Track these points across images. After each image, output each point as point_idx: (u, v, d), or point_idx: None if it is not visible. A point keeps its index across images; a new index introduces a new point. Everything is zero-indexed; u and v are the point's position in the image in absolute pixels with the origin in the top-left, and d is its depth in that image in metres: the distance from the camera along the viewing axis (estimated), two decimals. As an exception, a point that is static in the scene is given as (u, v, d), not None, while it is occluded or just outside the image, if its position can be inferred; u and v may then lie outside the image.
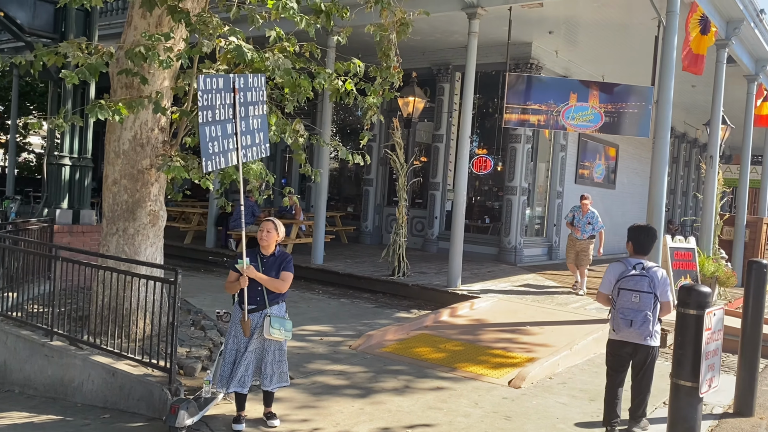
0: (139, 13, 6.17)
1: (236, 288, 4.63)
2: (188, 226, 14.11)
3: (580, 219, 10.35)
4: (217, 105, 4.47)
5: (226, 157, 4.58)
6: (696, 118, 20.03)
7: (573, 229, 10.41)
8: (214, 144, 4.48)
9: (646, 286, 4.57)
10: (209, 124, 4.42)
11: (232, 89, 4.53)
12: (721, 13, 10.37)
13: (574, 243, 10.43)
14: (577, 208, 10.49)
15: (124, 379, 5.12)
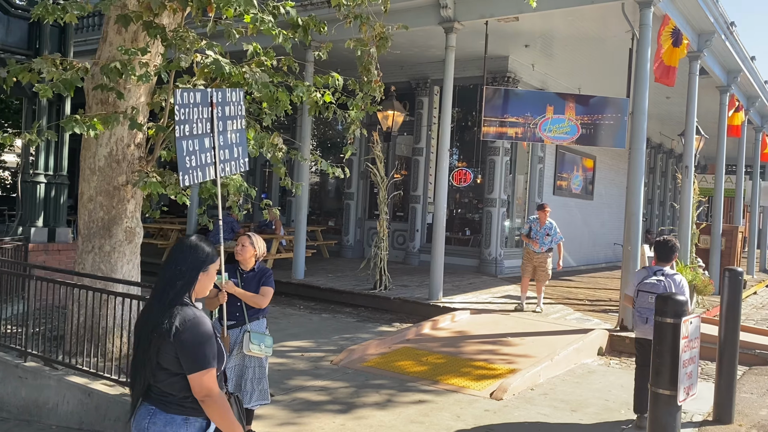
0: (114, 29, 6.13)
1: (216, 304, 4.57)
2: (166, 243, 13.97)
3: (537, 231, 9.78)
4: (194, 119, 4.44)
5: (204, 172, 4.54)
6: (671, 129, 20.34)
7: (530, 242, 9.81)
8: (192, 158, 4.44)
9: (661, 288, 5.09)
10: (186, 138, 4.39)
11: (209, 103, 4.50)
12: (692, 25, 10.57)
13: (532, 257, 9.82)
14: (534, 219, 9.96)
15: (101, 400, 5.02)
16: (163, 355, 2.46)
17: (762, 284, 17.53)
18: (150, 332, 2.48)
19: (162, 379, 2.49)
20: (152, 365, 2.47)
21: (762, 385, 6.90)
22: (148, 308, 2.59)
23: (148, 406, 2.53)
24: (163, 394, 2.51)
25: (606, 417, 5.64)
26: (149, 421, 2.51)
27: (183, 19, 6.13)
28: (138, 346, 2.55)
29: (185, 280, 2.56)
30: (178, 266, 2.57)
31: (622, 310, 8.60)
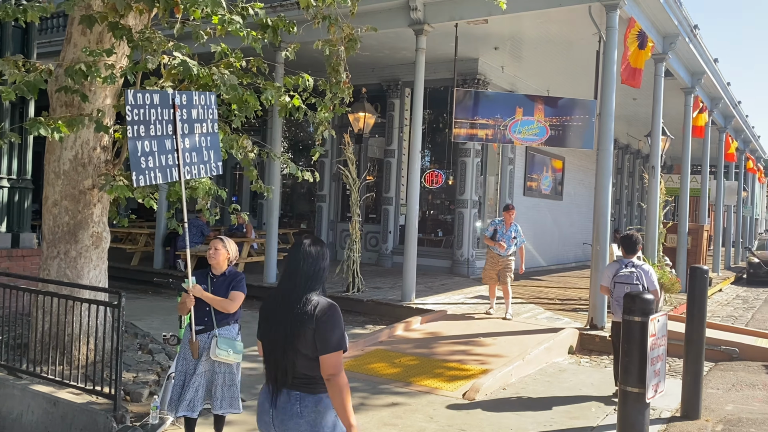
0: (78, 30, 6.01)
1: (186, 309, 4.51)
2: (135, 247, 13.75)
3: (503, 233, 9.38)
4: (151, 120, 4.39)
5: (164, 173, 4.49)
6: (638, 130, 20.70)
7: (495, 245, 9.36)
8: (148, 159, 4.40)
9: (635, 279, 5.95)
10: (141, 138, 4.35)
11: (171, 105, 4.44)
12: (657, 28, 10.77)
13: (497, 260, 9.35)
14: (499, 221, 9.57)
15: (67, 408, 4.90)
16: (304, 342, 2.67)
17: (727, 281, 17.94)
18: (293, 322, 2.70)
19: (303, 365, 2.69)
20: (294, 353, 2.69)
21: (728, 380, 7.05)
22: (288, 301, 2.77)
23: (292, 392, 2.73)
24: (306, 378, 2.71)
25: (577, 415, 5.70)
26: (300, 405, 2.71)
27: (149, 20, 6.03)
28: (277, 339, 2.74)
29: (322, 275, 2.85)
30: (317, 264, 2.83)
31: (592, 308, 8.71)
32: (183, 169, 4.53)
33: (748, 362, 7.85)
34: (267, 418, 2.79)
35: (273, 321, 2.78)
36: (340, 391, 2.64)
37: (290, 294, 2.78)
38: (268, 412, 2.78)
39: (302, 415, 2.70)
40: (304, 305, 2.72)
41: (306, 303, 2.73)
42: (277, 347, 2.73)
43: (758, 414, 5.80)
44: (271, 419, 2.77)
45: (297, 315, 2.70)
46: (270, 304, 2.86)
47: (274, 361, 2.75)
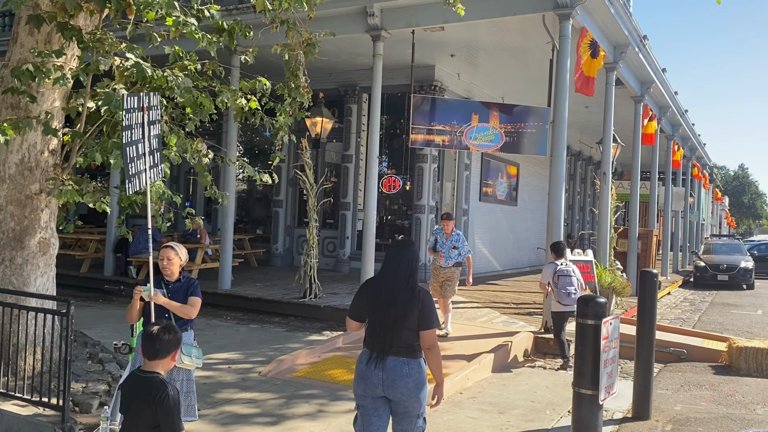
0: (25, 30, 5.82)
1: (137, 316, 4.41)
2: (85, 254, 13.37)
3: (443, 243, 8.66)
4: (134, 124, 4.34)
5: (140, 179, 4.43)
6: (590, 137, 21.19)
7: (436, 256, 8.73)
8: (133, 165, 4.35)
9: (571, 272, 7.66)
10: (130, 144, 4.33)
11: (141, 108, 4.38)
12: (608, 38, 11.05)
13: (438, 272, 8.68)
14: (439, 230, 8.87)
15: (12, 421, 4.72)
16: (412, 319, 3.51)
17: (675, 285, 18.49)
18: (405, 305, 3.51)
19: (406, 336, 3.51)
20: (402, 328, 3.50)
21: (676, 381, 7.25)
22: (395, 290, 3.57)
23: (398, 358, 3.52)
24: (409, 346, 3.53)
25: (532, 417, 5.77)
26: (408, 367, 3.52)
27: (101, 21, 5.89)
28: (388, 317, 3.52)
29: (418, 268, 3.68)
30: (415, 259, 3.67)
31: (546, 312, 8.85)
32: (148, 173, 4.47)
33: (696, 363, 8.10)
34: (375, 380, 3.52)
35: (384, 303, 3.55)
36: (437, 356, 3.57)
37: (401, 284, 3.57)
38: (377, 375, 3.51)
39: (410, 374, 3.50)
40: (412, 292, 3.55)
41: (414, 290, 3.56)
42: (388, 323, 3.51)
43: (705, 413, 5.98)
44: (381, 381, 3.50)
45: (408, 300, 3.51)
46: (378, 291, 3.63)
47: (383, 335, 3.52)
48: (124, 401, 2.97)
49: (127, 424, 2.92)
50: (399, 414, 3.60)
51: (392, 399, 3.55)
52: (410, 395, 3.51)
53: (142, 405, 2.85)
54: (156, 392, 2.84)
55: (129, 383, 3.01)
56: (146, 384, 2.87)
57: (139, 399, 2.86)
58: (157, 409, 2.81)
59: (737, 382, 7.24)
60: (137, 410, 2.87)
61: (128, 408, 2.92)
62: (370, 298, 3.64)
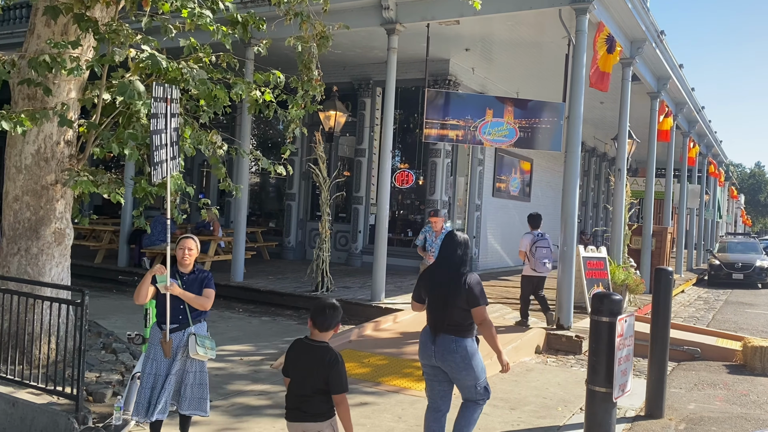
0: (42, 21, 5.85)
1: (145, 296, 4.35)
2: (99, 245, 13.47)
3: (433, 242, 8.18)
4: (159, 113, 4.37)
5: (162, 168, 4.46)
6: (604, 133, 21.03)
7: (425, 256, 8.21)
8: (158, 154, 4.39)
9: (548, 243, 8.59)
10: (156, 132, 4.36)
11: (166, 99, 4.41)
12: (625, 33, 10.94)
13: None
14: (428, 228, 8.40)
15: (26, 409, 4.77)
16: (460, 299, 4.04)
17: (689, 283, 18.34)
18: (452, 288, 4.04)
19: (456, 315, 4.03)
20: (453, 308, 4.02)
21: (690, 380, 7.19)
22: (447, 275, 4.13)
23: (448, 336, 4.04)
24: (458, 325, 4.05)
25: (544, 414, 5.75)
26: (455, 344, 4.03)
27: (117, 12, 5.90)
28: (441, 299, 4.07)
29: (470, 257, 4.28)
30: (467, 249, 4.25)
31: (558, 309, 8.81)
32: (169, 164, 4.50)
33: (710, 362, 8.03)
34: (429, 353, 4.10)
35: (437, 287, 4.11)
36: (489, 328, 4.06)
37: (452, 269, 4.12)
38: (431, 348, 4.08)
39: (457, 351, 4.01)
40: (460, 276, 4.08)
41: (461, 275, 4.10)
42: (439, 304, 4.06)
43: (719, 413, 5.93)
44: (433, 353, 4.07)
45: (456, 283, 4.05)
46: (433, 276, 4.21)
47: (436, 315, 4.07)
48: (292, 366, 3.45)
49: (300, 385, 3.38)
50: (458, 382, 4.17)
51: (444, 370, 4.12)
52: (458, 368, 4.04)
53: (316, 368, 3.33)
54: (329, 357, 3.35)
55: (298, 351, 3.46)
56: (319, 351, 3.38)
57: (313, 364, 3.35)
58: (330, 372, 3.31)
59: (752, 381, 7.17)
60: (310, 373, 3.34)
61: (300, 373, 3.39)
62: (427, 283, 4.23)
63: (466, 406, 4.22)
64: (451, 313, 4.01)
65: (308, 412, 3.34)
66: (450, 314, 4.01)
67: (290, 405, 3.42)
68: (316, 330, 3.44)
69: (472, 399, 4.17)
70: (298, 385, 3.39)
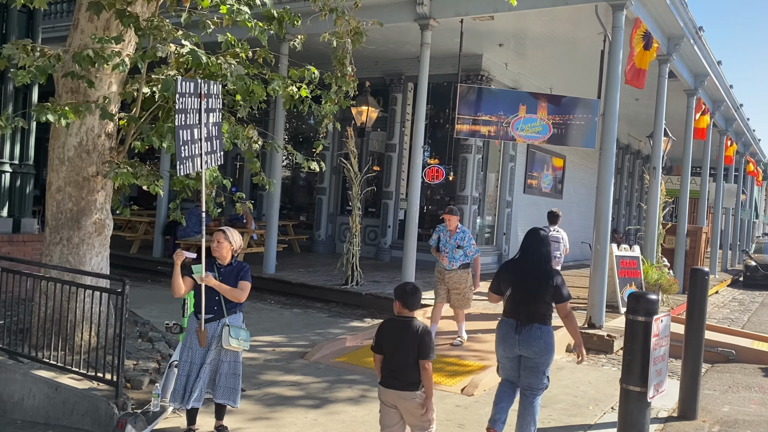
0: (85, 17, 5.99)
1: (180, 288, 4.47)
2: (134, 235, 13.74)
3: (447, 241, 7.54)
4: (189, 109, 4.45)
5: (193, 163, 4.54)
6: (638, 130, 20.72)
7: (438, 256, 7.64)
8: (186, 148, 4.46)
9: (560, 239, 9.26)
10: (183, 128, 4.42)
11: (199, 94, 4.49)
12: (662, 29, 10.77)
13: (443, 275, 7.61)
14: (442, 228, 7.70)
15: (68, 394, 4.92)
16: (547, 295, 4.46)
17: (724, 284, 18.02)
18: (542, 283, 4.45)
19: (542, 308, 4.46)
20: (540, 301, 4.44)
21: (724, 381, 7.09)
22: (535, 271, 4.50)
23: (533, 324, 4.43)
24: (543, 315, 4.47)
25: (575, 412, 5.73)
26: (539, 331, 4.42)
27: (157, 8, 6.02)
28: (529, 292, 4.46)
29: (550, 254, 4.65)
30: (549, 245, 4.64)
31: (590, 308, 8.74)
32: (204, 158, 4.58)
33: (745, 364, 7.90)
34: (513, 342, 4.47)
35: (525, 281, 4.48)
36: (572, 320, 4.56)
37: (539, 266, 4.50)
38: (514, 337, 4.45)
39: (541, 336, 4.41)
40: (548, 273, 4.47)
41: (549, 271, 4.49)
42: (529, 297, 4.44)
43: (754, 416, 5.84)
44: (517, 342, 4.44)
45: (545, 279, 4.45)
46: (519, 271, 4.57)
47: (525, 306, 4.44)
48: (386, 342, 3.88)
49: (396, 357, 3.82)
50: (529, 369, 4.47)
51: (525, 356, 4.44)
52: (540, 353, 4.41)
53: (410, 340, 3.80)
54: (420, 328, 3.84)
55: (391, 328, 3.92)
56: (410, 325, 3.85)
57: (407, 336, 3.82)
58: (422, 340, 3.78)
59: (788, 385, 7.04)
60: (405, 345, 3.80)
61: (395, 346, 3.82)
62: (511, 277, 4.59)
63: (526, 396, 4.52)
64: (539, 306, 4.42)
65: (404, 381, 3.80)
66: (538, 307, 4.42)
67: (386, 375, 3.88)
68: (405, 309, 3.91)
69: (536, 387, 4.50)
70: (394, 357, 3.83)
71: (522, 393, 4.57)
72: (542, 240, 4.59)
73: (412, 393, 3.80)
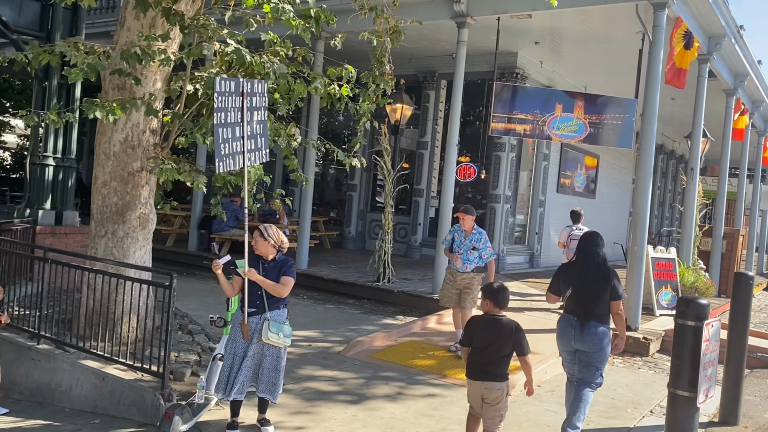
0: (132, 14, 6.10)
1: (230, 289, 4.61)
2: (170, 229, 13.96)
3: (461, 242, 7.22)
4: (229, 107, 4.51)
5: (234, 160, 4.61)
6: (673, 130, 20.38)
7: (452, 258, 7.29)
8: (225, 146, 4.54)
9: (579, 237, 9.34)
10: (222, 126, 4.48)
11: (241, 93, 4.56)
12: (704, 28, 10.59)
13: (455, 277, 7.25)
14: (457, 228, 7.37)
15: (115, 384, 5.04)
16: (606, 294, 4.73)
17: (760, 288, 17.64)
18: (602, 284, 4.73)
19: (601, 307, 4.73)
20: (599, 300, 4.70)
21: (765, 387, 6.98)
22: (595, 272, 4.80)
23: (592, 322, 4.70)
24: (601, 314, 4.73)
25: (613, 415, 5.70)
26: (596, 329, 4.70)
27: (202, 6, 6.11)
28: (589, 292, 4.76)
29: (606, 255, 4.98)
30: (604, 248, 4.95)
31: (626, 309, 8.64)
32: (246, 155, 4.64)
33: (785, 370, 7.76)
34: (570, 337, 4.77)
35: (586, 282, 4.78)
36: (622, 318, 4.84)
37: (598, 267, 4.80)
38: (571, 333, 4.75)
39: (597, 333, 4.67)
40: (608, 273, 4.77)
41: (609, 272, 4.78)
42: (589, 297, 4.73)
43: (797, 423, 5.74)
44: (573, 337, 4.74)
45: (604, 280, 4.73)
46: (579, 272, 4.86)
47: (585, 305, 4.73)
48: (476, 337, 4.25)
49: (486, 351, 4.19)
50: (583, 363, 4.76)
51: (582, 350, 4.74)
52: (597, 349, 4.69)
53: (503, 336, 4.17)
54: (514, 326, 4.20)
55: (482, 324, 4.28)
56: (501, 323, 4.22)
57: (499, 333, 4.19)
58: (517, 337, 4.17)
59: (831, 393, 6.91)
60: (497, 341, 4.17)
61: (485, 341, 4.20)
62: (572, 278, 4.93)
63: (581, 389, 4.78)
64: (600, 305, 4.74)
65: (492, 373, 4.17)
66: (597, 306, 4.72)
67: (474, 368, 4.25)
68: (496, 308, 4.26)
69: (589, 381, 4.76)
70: (484, 351, 4.20)
71: (576, 386, 4.81)
72: (599, 243, 4.91)
73: (498, 384, 4.16)
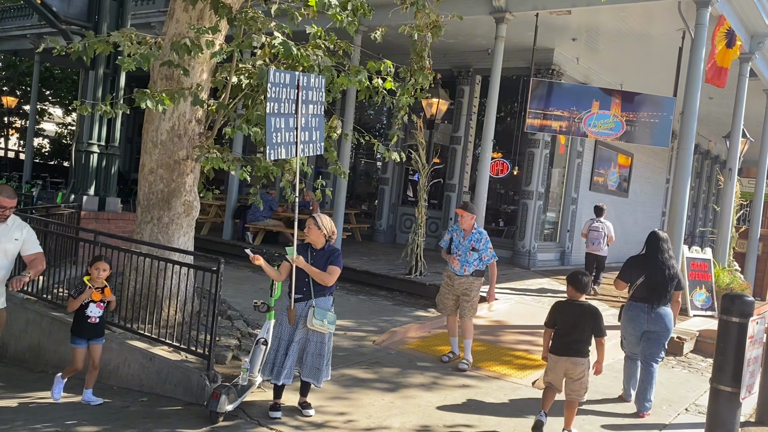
0: (181, 6, 6.26)
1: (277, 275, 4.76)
2: (205, 218, 14.21)
3: (460, 243, 6.56)
4: (282, 99, 4.64)
5: (287, 149, 4.74)
6: (709, 130, 20.09)
7: (449, 259, 6.62)
8: (277, 135, 4.67)
9: (601, 228, 10.81)
10: (274, 115, 4.62)
11: (296, 86, 4.68)
12: (746, 27, 10.45)
13: (452, 280, 6.59)
14: (455, 227, 6.72)
15: (162, 364, 5.21)
16: (673, 282, 5.58)
17: (795, 291, 17.34)
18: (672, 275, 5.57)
19: (668, 294, 5.59)
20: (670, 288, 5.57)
21: (801, 390, 6.90)
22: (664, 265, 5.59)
23: (662, 306, 5.57)
24: (668, 301, 5.60)
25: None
26: (666, 311, 5.59)
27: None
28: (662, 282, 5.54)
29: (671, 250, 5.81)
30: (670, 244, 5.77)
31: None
32: (299, 146, 4.76)
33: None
34: (642, 320, 5.59)
35: (658, 273, 5.54)
36: (679, 305, 5.76)
37: (667, 261, 5.61)
38: (644, 317, 5.58)
39: (666, 314, 5.56)
40: (674, 267, 5.64)
41: (674, 266, 5.65)
42: (662, 285, 5.53)
43: (836, 426, 5.69)
44: (646, 321, 5.57)
45: (672, 271, 5.59)
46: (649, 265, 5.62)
47: (658, 293, 5.53)
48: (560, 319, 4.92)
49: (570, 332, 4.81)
50: (653, 340, 5.60)
51: (652, 330, 5.58)
52: (665, 327, 5.58)
53: (585, 319, 4.78)
54: (594, 311, 4.84)
55: (565, 308, 4.91)
56: (585, 307, 4.84)
57: (581, 316, 4.80)
58: (596, 320, 4.78)
59: None
60: (579, 323, 4.78)
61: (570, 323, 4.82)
62: (643, 270, 5.65)
63: (649, 365, 5.59)
64: (667, 292, 5.56)
65: (576, 350, 4.76)
66: (666, 293, 5.55)
67: (559, 345, 4.83)
68: (578, 293, 4.87)
69: (657, 354, 5.60)
70: (568, 332, 4.81)
71: (644, 363, 5.63)
72: (665, 240, 5.74)
73: (582, 359, 4.75)
